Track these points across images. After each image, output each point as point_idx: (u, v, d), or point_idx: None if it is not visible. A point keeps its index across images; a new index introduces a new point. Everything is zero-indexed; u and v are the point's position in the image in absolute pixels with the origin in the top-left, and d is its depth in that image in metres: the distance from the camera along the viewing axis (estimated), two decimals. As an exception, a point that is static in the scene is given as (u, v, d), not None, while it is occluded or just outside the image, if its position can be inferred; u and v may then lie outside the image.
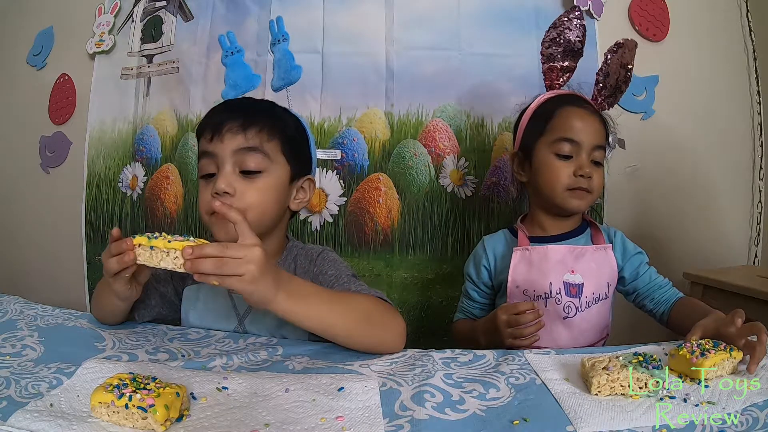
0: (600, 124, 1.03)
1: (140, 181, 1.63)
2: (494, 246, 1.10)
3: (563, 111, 1.03)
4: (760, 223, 1.61)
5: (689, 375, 0.67)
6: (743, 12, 1.60)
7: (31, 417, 0.52)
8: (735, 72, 1.61)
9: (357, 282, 0.85)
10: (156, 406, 0.52)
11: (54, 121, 1.77)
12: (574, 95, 1.08)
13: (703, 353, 0.69)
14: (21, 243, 1.86)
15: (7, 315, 0.86)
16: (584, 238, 1.05)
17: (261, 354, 0.75)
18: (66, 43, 1.76)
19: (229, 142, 0.83)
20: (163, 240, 0.67)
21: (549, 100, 1.08)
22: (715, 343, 0.72)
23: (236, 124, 0.83)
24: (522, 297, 1.01)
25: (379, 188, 1.46)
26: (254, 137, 0.84)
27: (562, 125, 1.02)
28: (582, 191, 1.00)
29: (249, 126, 0.84)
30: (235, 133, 0.83)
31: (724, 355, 0.69)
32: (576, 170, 1.00)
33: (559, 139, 1.01)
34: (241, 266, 0.64)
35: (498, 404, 0.61)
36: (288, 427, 0.55)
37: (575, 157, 1.00)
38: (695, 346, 0.70)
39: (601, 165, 1.03)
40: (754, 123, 1.61)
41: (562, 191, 1.01)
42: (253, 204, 0.83)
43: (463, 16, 1.48)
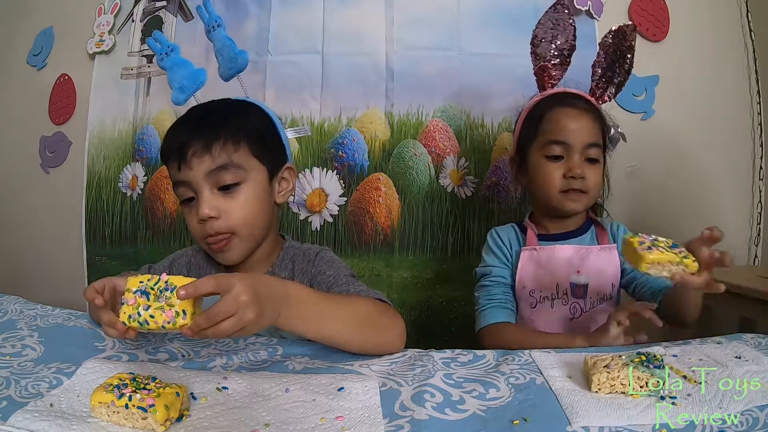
0: (593, 121, 1.01)
1: (140, 181, 1.63)
2: (508, 237, 1.08)
3: (552, 113, 1.02)
4: (760, 223, 1.61)
5: (631, 261, 0.69)
6: (743, 12, 1.60)
7: (31, 417, 0.52)
8: (735, 72, 1.60)
9: (355, 282, 0.85)
10: (156, 406, 0.52)
11: (54, 121, 1.77)
12: (565, 93, 1.06)
13: (650, 247, 0.69)
14: (21, 243, 1.86)
15: (7, 315, 0.86)
16: (589, 237, 1.05)
17: (261, 354, 0.75)
18: (66, 43, 1.76)
19: (198, 167, 0.81)
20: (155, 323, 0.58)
21: (540, 102, 1.07)
22: (673, 245, 0.72)
23: (199, 145, 0.81)
24: (528, 298, 1.01)
25: (379, 188, 1.46)
26: (220, 154, 0.81)
27: (551, 127, 1.01)
28: (576, 192, 0.99)
29: (212, 144, 0.81)
30: (201, 155, 0.80)
31: (673, 257, 0.69)
32: (566, 172, 0.99)
33: (549, 142, 1.00)
34: (239, 321, 0.58)
35: (498, 404, 0.61)
36: (288, 427, 0.55)
37: (567, 158, 0.99)
38: (648, 239, 0.71)
39: (598, 162, 1.01)
40: (754, 123, 1.61)
41: (556, 194, 1.00)
42: (239, 221, 0.83)
43: (463, 16, 1.48)
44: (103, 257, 1.70)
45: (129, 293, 0.59)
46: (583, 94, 1.06)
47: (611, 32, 1.08)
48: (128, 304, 0.59)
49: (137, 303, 0.59)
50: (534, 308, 1.01)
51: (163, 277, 0.59)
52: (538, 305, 1.01)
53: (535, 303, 1.01)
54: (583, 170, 0.98)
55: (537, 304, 1.01)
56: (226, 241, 0.83)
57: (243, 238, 0.84)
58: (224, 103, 0.92)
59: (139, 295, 0.59)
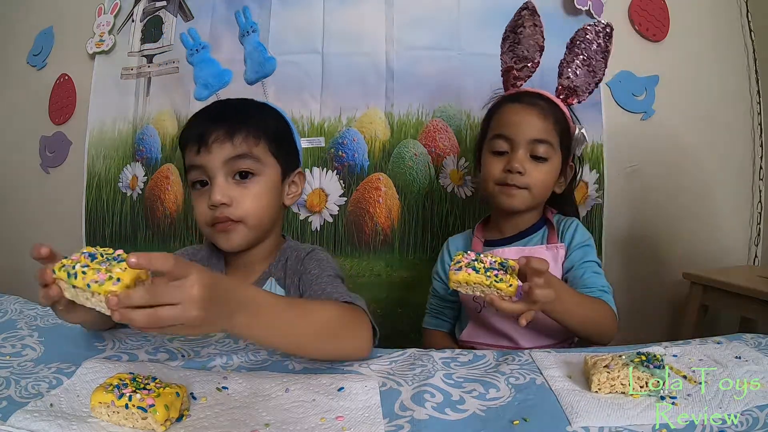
0: (543, 117, 0.98)
1: (140, 181, 1.63)
2: (456, 246, 1.10)
3: (500, 109, 1.02)
4: (760, 223, 1.61)
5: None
6: (743, 12, 1.60)
7: (31, 417, 0.52)
8: (735, 72, 1.61)
9: (335, 283, 0.82)
10: (156, 406, 0.52)
11: (54, 121, 1.77)
12: (521, 93, 1.05)
13: (462, 267, 0.72)
14: (21, 243, 1.86)
15: (7, 315, 0.86)
16: (537, 238, 1.03)
17: (261, 354, 0.75)
18: (66, 43, 1.76)
19: (218, 152, 0.82)
20: (83, 279, 0.51)
21: (497, 102, 1.07)
22: (502, 263, 0.74)
23: (221, 132, 0.82)
24: (473, 303, 1.01)
25: (379, 188, 1.46)
26: (242, 144, 0.83)
27: (497, 123, 1.01)
28: (513, 187, 0.97)
29: (235, 133, 0.83)
30: (222, 142, 0.82)
31: (482, 279, 0.71)
32: (506, 166, 0.97)
33: (494, 137, 1.00)
34: (180, 313, 0.49)
35: (498, 404, 0.61)
36: (288, 427, 0.55)
37: (511, 153, 0.98)
38: (469, 258, 0.73)
39: (547, 161, 0.98)
40: (754, 123, 1.61)
41: (492, 187, 1.00)
42: (250, 211, 0.84)
43: (463, 16, 1.48)
44: (103, 257, 1.69)
45: (78, 253, 0.55)
46: (545, 93, 1.04)
47: (582, 30, 1.06)
48: (71, 258, 0.54)
49: (79, 260, 0.53)
50: (480, 313, 1.00)
51: (119, 251, 0.55)
52: (483, 310, 1.00)
53: (479, 308, 1.00)
54: (523, 166, 0.96)
55: (481, 309, 1.00)
56: (233, 225, 0.84)
57: (249, 227, 0.85)
58: (248, 101, 0.94)
59: (86, 255, 0.54)
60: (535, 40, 1.08)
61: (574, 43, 1.07)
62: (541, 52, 1.08)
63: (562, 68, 1.07)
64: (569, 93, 1.07)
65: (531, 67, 1.08)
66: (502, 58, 1.13)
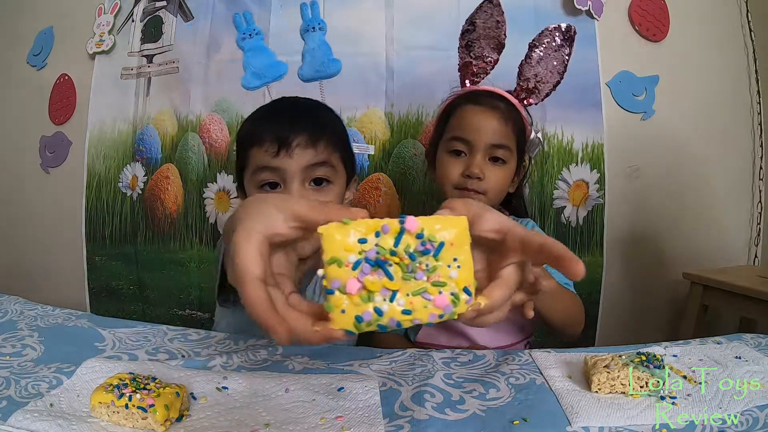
0: (503, 121, 0.97)
1: (140, 181, 1.63)
2: None
3: (460, 110, 1.00)
4: (760, 223, 1.61)
5: None
6: (743, 12, 1.60)
7: (31, 417, 0.52)
8: (735, 72, 1.61)
9: None
10: (156, 406, 0.52)
11: (54, 121, 1.77)
12: (480, 92, 1.02)
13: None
14: (21, 243, 1.86)
15: (7, 315, 0.86)
16: None
17: (261, 354, 0.75)
18: (66, 43, 1.76)
19: (300, 158, 0.79)
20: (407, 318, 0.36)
21: (455, 99, 1.04)
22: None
23: (305, 137, 0.79)
24: None
25: (379, 188, 1.46)
26: (324, 151, 0.81)
27: (457, 124, 0.99)
28: (471, 192, 0.95)
29: (318, 139, 0.80)
30: (305, 147, 0.79)
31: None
32: (465, 170, 0.96)
33: (452, 138, 0.98)
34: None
35: (498, 404, 0.61)
36: (288, 427, 0.55)
37: (468, 156, 0.96)
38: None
39: (505, 163, 0.97)
40: (754, 123, 1.61)
41: (450, 190, 0.97)
42: None
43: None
44: (103, 257, 1.70)
45: (340, 268, 0.34)
46: (504, 93, 1.02)
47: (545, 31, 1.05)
48: (345, 291, 0.34)
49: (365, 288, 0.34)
50: None
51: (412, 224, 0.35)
52: None
53: None
54: (482, 171, 0.94)
55: None
56: None
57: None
58: (318, 104, 0.91)
59: (368, 269, 0.34)
60: (496, 36, 1.06)
61: (536, 44, 1.05)
62: (501, 49, 1.06)
63: (522, 68, 1.06)
64: (528, 93, 1.05)
65: (490, 65, 1.06)
66: (460, 52, 1.10)
